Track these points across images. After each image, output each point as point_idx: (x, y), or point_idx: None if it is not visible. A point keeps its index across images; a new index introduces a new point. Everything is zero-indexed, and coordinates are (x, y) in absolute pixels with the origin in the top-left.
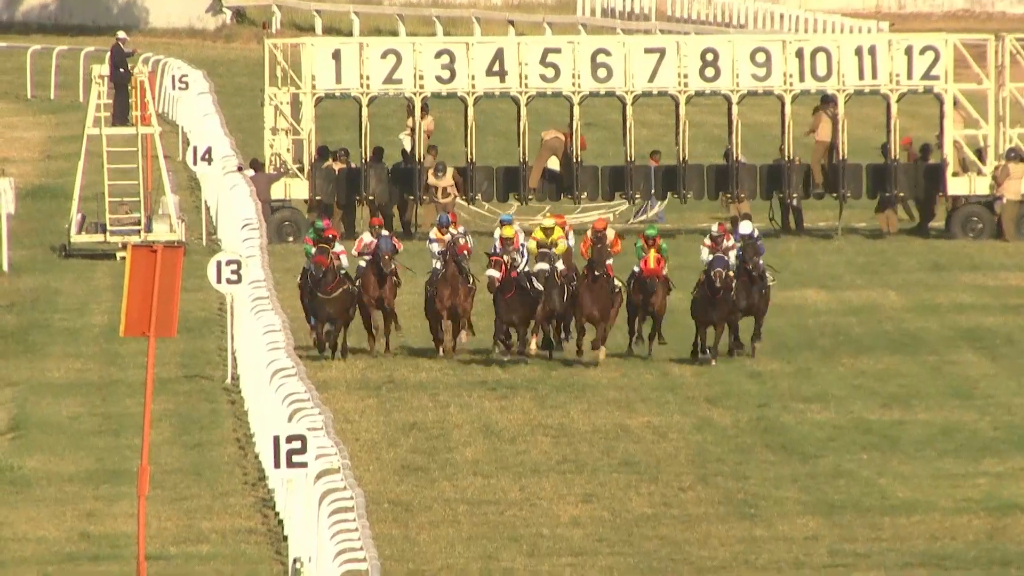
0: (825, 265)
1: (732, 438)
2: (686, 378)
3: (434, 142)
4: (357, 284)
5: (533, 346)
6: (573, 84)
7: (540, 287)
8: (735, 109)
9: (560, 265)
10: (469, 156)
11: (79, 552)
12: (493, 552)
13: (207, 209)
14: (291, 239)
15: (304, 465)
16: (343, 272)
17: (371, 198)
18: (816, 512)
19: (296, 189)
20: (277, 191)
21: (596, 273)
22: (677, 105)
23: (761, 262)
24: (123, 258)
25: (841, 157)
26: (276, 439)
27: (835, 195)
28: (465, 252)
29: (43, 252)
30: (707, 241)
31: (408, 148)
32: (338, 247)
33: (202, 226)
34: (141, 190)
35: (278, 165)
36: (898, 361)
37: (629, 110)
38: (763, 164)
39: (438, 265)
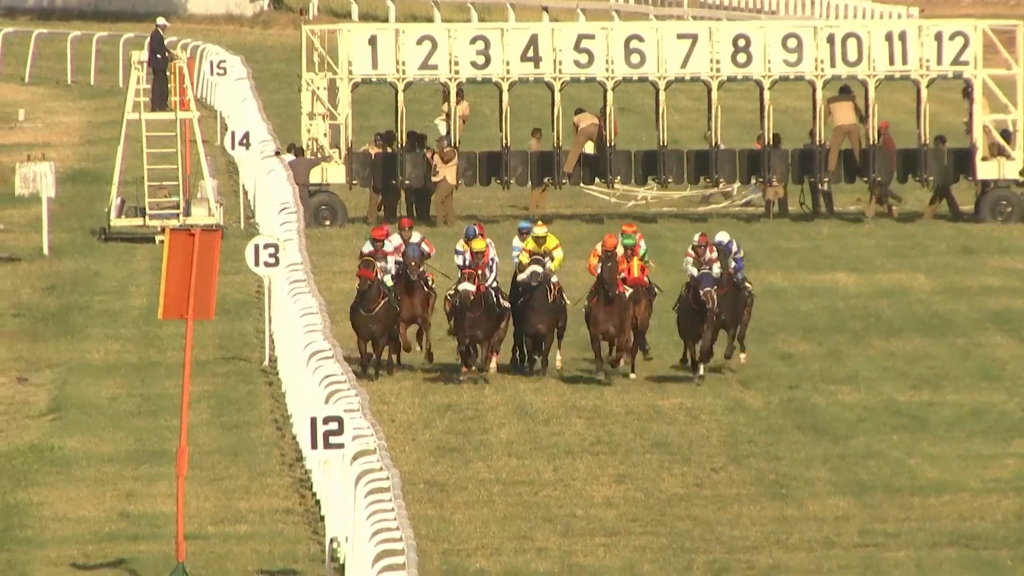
0: (856, 248)
1: (764, 419)
2: (718, 360)
3: (469, 127)
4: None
5: (493, 365)
6: (606, 70)
7: (507, 304)
8: (767, 94)
9: (555, 278)
10: (504, 141)
11: (118, 531)
12: (527, 532)
13: (245, 193)
14: (328, 223)
15: (341, 446)
16: (387, 287)
17: (407, 182)
18: (846, 492)
19: (333, 173)
20: (315, 175)
21: (609, 294)
22: (709, 90)
23: (741, 275)
24: (162, 241)
25: (871, 142)
26: (313, 420)
27: (865, 179)
28: (484, 271)
29: (83, 235)
30: (689, 251)
31: (444, 133)
32: (388, 245)
33: (240, 210)
34: (180, 174)
35: (315, 150)
36: (928, 343)
37: (662, 95)
38: (794, 148)
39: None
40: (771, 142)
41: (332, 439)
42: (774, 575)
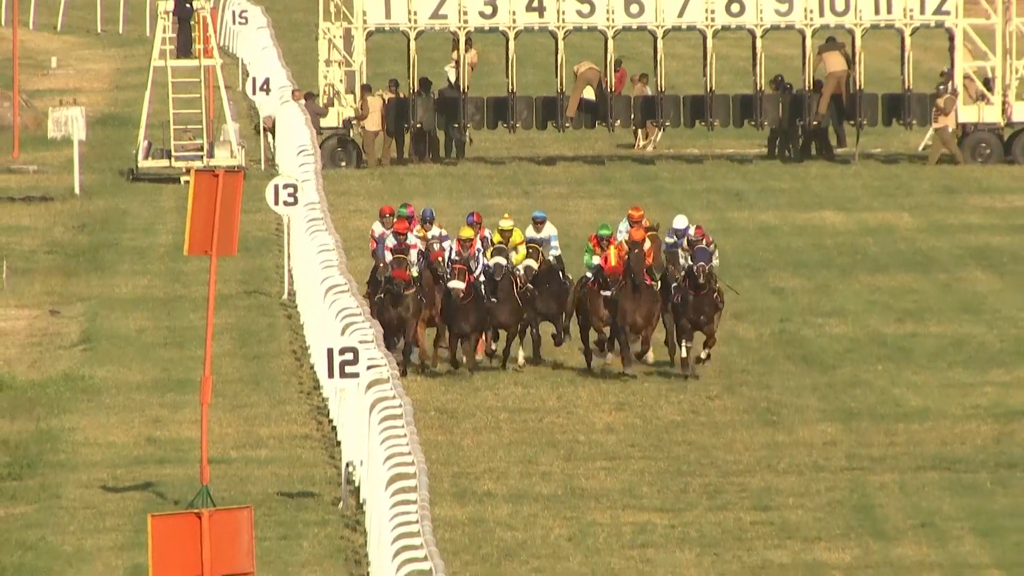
0: (843, 188)
1: (756, 350)
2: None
3: (477, 74)
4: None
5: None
6: (607, 19)
7: (495, 298)
8: (759, 43)
9: (531, 263)
10: (510, 87)
11: (146, 456)
12: (532, 456)
13: (265, 135)
14: (344, 164)
15: (356, 375)
16: (414, 278)
17: (419, 125)
18: (834, 419)
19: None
20: (331, 119)
21: (636, 282)
22: (705, 39)
23: (694, 266)
24: (187, 182)
25: (858, 87)
26: (330, 351)
27: (853, 123)
28: (440, 259)
29: (112, 176)
30: (684, 247)
31: (453, 79)
32: (411, 238)
33: (260, 152)
34: (204, 118)
35: (331, 95)
36: (911, 278)
37: (660, 44)
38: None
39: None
40: (776, 87)
41: (348, 369)
42: (765, 497)
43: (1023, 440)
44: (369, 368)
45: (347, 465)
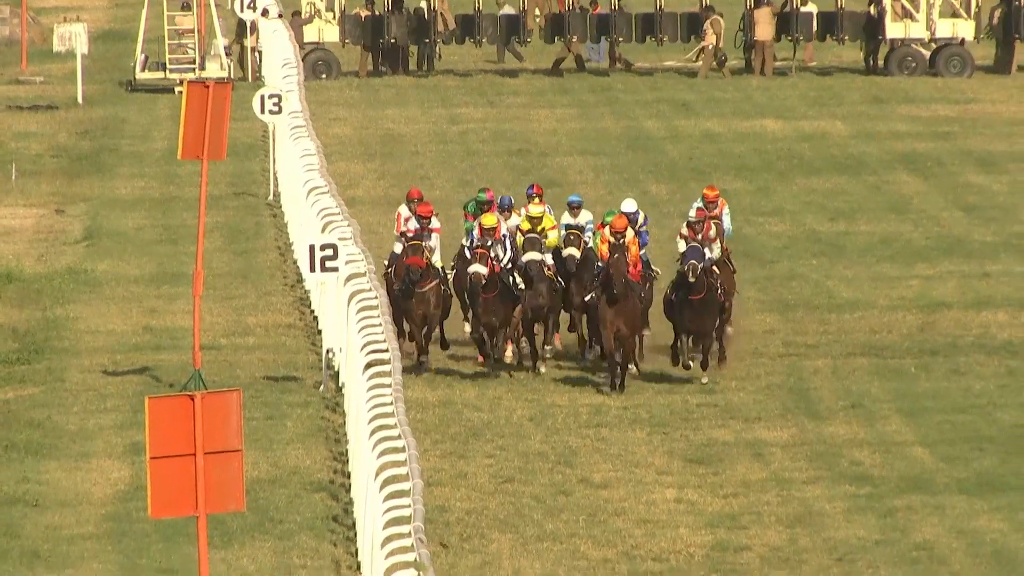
0: (781, 98)
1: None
2: (662, 196)
3: None
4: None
5: (509, 353)
6: None
7: (522, 286)
8: None
9: (549, 259)
10: (477, 5)
11: (143, 343)
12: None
13: (252, 50)
14: (324, 76)
15: (335, 270)
16: (436, 268)
17: (393, 40)
18: (772, 310)
19: (328, 33)
20: (311, 35)
21: (615, 291)
22: None
23: (644, 253)
24: (180, 92)
25: (795, 6)
26: (311, 247)
27: (790, 38)
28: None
29: (112, 87)
30: (683, 230)
31: None
32: (435, 221)
33: (248, 65)
34: (196, 34)
35: (312, 12)
36: (843, 181)
37: None
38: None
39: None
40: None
41: (328, 263)
42: (710, 381)
43: (945, 329)
44: (347, 263)
45: (327, 352)
